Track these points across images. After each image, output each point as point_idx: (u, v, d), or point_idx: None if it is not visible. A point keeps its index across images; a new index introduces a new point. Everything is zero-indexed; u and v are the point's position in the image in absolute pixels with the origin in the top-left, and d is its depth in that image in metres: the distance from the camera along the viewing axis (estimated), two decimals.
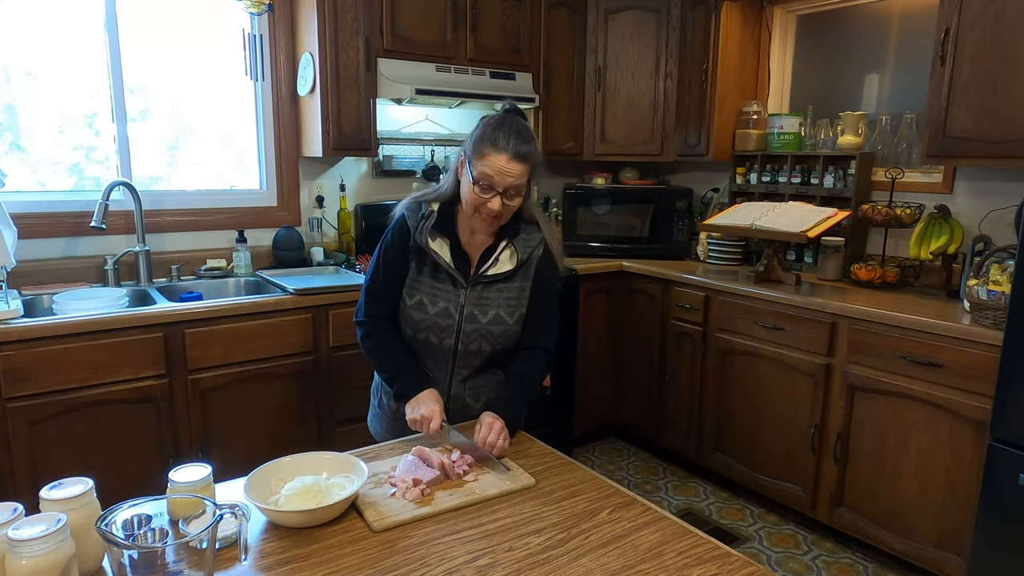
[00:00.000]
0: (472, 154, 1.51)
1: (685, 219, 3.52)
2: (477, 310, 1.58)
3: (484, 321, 1.58)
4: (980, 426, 2.16)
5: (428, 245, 1.58)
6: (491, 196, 1.49)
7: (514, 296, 1.60)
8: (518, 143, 1.48)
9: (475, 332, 1.58)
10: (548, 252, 1.64)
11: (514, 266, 1.59)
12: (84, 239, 2.67)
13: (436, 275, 1.60)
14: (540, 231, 1.64)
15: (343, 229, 3.23)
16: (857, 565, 2.58)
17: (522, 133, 1.51)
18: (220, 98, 2.98)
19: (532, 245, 1.61)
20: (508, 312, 1.59)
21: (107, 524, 0.86)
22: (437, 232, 1.59)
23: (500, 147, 1.47)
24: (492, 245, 1.61)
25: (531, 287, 1.62)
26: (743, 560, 1.08)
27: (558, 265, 1.68)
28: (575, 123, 3.58)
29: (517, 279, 1.61)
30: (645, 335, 3.35)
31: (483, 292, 1.59)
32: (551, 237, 1.66)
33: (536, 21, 3.33)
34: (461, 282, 1.58)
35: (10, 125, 2.57)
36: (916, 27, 2.95)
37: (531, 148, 1.51)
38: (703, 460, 3.14)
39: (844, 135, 2.98)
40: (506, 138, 1.48)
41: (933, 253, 2.66)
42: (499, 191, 1.48)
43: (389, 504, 1.20)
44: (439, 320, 1.59)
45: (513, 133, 1.49)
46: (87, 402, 2.17)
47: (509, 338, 1.61)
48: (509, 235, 1.61)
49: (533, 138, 1.54)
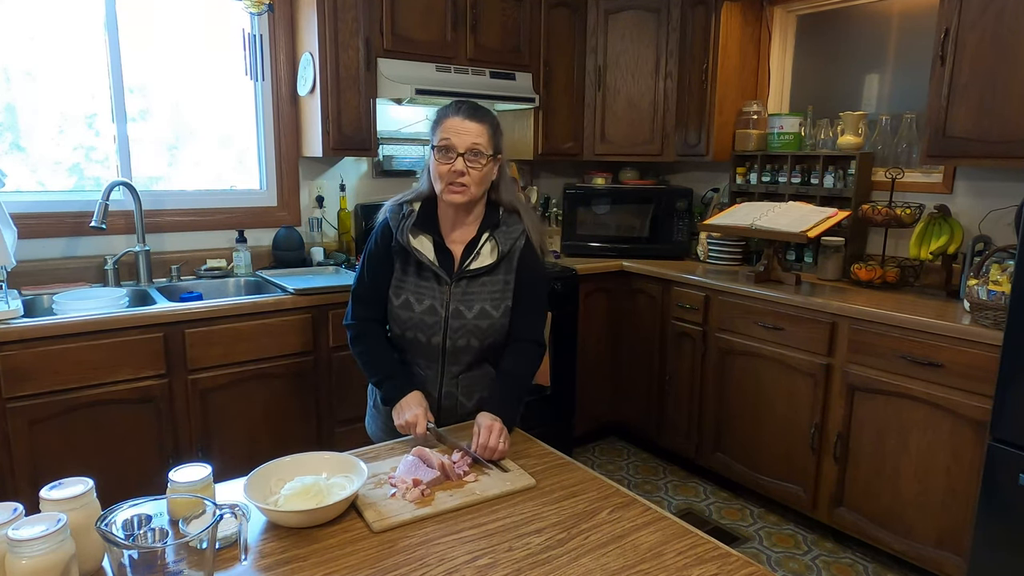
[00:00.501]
0: (432, 134, 1.57)
1: (685, 219, 3.52)
2: (462, 306, 1.58)
3: (470, 316, 1.58)
4: (980, 426, 2.16)
5: (410, 243, 1.59)
6: (454, 159, 1.51)
7: (498, 289, 1.60)
8: (471, 108, 1.55)
9: (462, 328, 1.59)
10: (530, 243, 1.64)
11: (495, 259, 1.59)
12: (84, 239, 2.67)
13: (421, 273, 1.60)
14: (521, 221, 1.64)
15: (343, 229, 3.23)
16: (857, 565, 2.58)
17: (476, 107, 1.57)
18: (220, 98, 2.98)
19: (513, 236, 1.62)
20: (493, 305, 1.59)
21: (107, 524, 0.86)
22: (419, 230, 1.60)
23: (453, 112, 1.54)
24: (474, 239, 1.61)
25: (515, 279, 1.62)
26: (743, 560, 1.08)
27: (541, 255, 1.67)
28: (575, 123, 3.58)
29: (500, 272, 1.61)
30: (645, 335, 3.35)
31: (467, 287, 1.59)
32: (533, 227, 1.65)
33: (536, 21, 3.33)
34: (445, 278, 1.59)
35: (10, 125, 2.57)
36: (916, 27, 2.95)
37: (486, 115, 1.56)
38: (703, 460, 3.14)
39: (844, 135, 2.98)
40: (458, 106, 1.56)
41: (933, 253, 2.66)
42: (460, 152, 1.51)
43: (389, 505, 1.20)
44: (425, 318, 1.59)
45: (465, 104, 1.57)
46: (87, 402, 2.17)
47: (497, 332, 1.61)
48: (490, 227, 1.62)
49: (489, 112, 1.58)
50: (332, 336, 2.61)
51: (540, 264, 1.67)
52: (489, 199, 1.64)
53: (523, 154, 3.52)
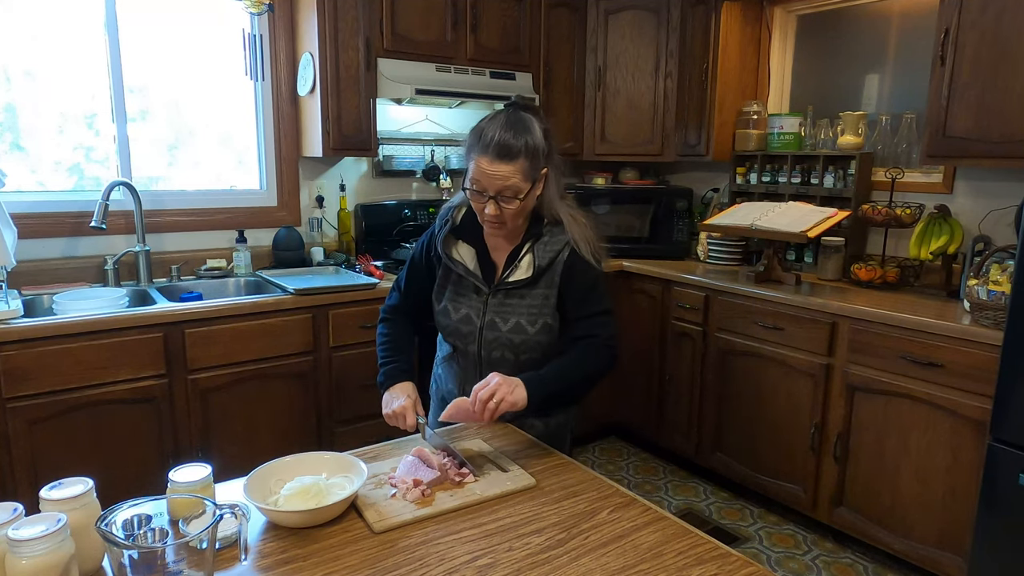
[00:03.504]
0: (465, 157, 1.45)
1: (685, 219, 3.52)
2: (498, 318, 1.54)
3: (504, 329, 1.53)
4: (980, 426, 2.16)
5: (448, 253, 1.56)
6: (485, 201, 1.42)
7: (537, 304, 1.52)
8: (503, 138, 1.37)
9: (496, 340, 1.55)
10: (575, 253, 1.51)
11: (531, 274, 1.51)
12: (84, 239, 2.67)
13: (461, 282, 1.58)
14: (566, 233, 1.52)
15: (343, 229, 3.23)
16: (857, 565, 2.58)
17: (514, 126, 1.39)
18: (220, 98, 2.98)
19: (555, 249, 1.51)
20: (529, 321, 1.52)
21: (107, 524, 0.86)
22: (460, 239, 1.57)
23: (482, 146, 1.38)
24: (516, 249, 1.54)
25: (560, 293, 1.51)
26: (743, 560, 1.07)
27: (594, 263, 1.53)
28: (575, 123, 3.58)
29: (541, 286, 1.52)
30: (645, 335, 3.35)
31: (504, 299, 1.53)
32: (580, 235, 1.52)
33: (536, 21, 3.33)
34: (484, 289, 1.55)
35: (10, 125, 2.57)
36: (916, 27, 2.95)
37: (521, 142, 1.38)
38: (703, 460, 3.14)
39: (844, 135, 2.98)
40: (490, 135, 1.38)
41: (933, 253, 2.66)
42: (491, 195, 1.41)
43: (390, 505, 1.20)
44: (461, 327, 1.57)
45: (500, 127, 1.38)
46: (87, 402, 2.17)
47: (532, 348, 1.54)
48: (532, 238, 1.52)
49: (529, 130, 1.40)
50: (332, 336, 2.60)
51: (592, 270, 1.53)
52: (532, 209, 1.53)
53: None
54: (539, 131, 1.43)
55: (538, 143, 1.42)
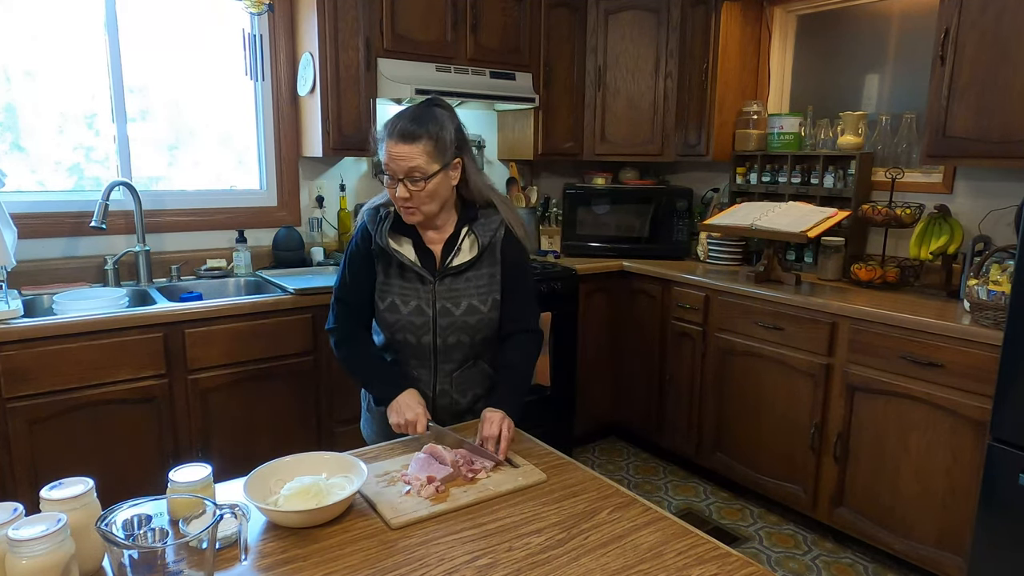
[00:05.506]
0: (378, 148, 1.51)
1: (685, 219, 3.52)
2: (449, 303, 1.57)
3: (458, 313, 1.57)
4: (980, 426, 2.16)
5: (390, 246, 1.57)
6: (395, 185, 1.48)
7: (484, 283, 1.59)
8: (405, 124, 1.45)
9: (451, 325, 1.58)
10: (510, 233, 1.62)
11: (476, 253, 1.58)
12: (84, 239, 2.67)
13: (404, 275, 1.59)
14: (499, 213, 1.62)
15: (343, 229, 3.23)
16: (857, 565, 2.58)
17: (419, 116, 1.47)
18: (220, 98, 2.98)
19: (492, 228, 1.59)
20: (480, 300, 1.58)
21: (107, 524, 0.86)
22: (397, 232, 1.59)
23: (388, 132, 1.47)
24: (453, 235, 1.60)
25: (501, 271, 1.60)
26: (743, 560, 1.08)
27: (525, 244, 1.65)
28: (575, 123, 3.58)
29: (484, 265, 1.59)
30: (645, 335, 3.35)
31: (452, 284, 1.58)
32: (511, 217, 1.63)
33: (536, 21, 3.33)
34: (428, 277, 1.57)
35: (10, 125, 2.57)
36: (916, 27, 2.95)
37: (422, 127, 1.45)
38: (703, 460, 3.14)
39: (844, 135, 2.98)
40: (395, 122, 1.47)
41: (933, 253, 2.67)
42: (400, 177, 1.46)
43: (405, 502, 1.21)
44: (413, 319, 1.58)
45: (405, 117, 1.47)
46: (87, 402, 2.17)
47: (486, 326, 1.60)
48: (468, 222, 1.60)
49: (435, 119, 1.48)
50: None
51: (524, 252, 1.65)
52: (461, 195, 1.62)
53: (523, 154, 3.53)
54: (448, 123, 1.51)
55: (443, 131, 1.49)
